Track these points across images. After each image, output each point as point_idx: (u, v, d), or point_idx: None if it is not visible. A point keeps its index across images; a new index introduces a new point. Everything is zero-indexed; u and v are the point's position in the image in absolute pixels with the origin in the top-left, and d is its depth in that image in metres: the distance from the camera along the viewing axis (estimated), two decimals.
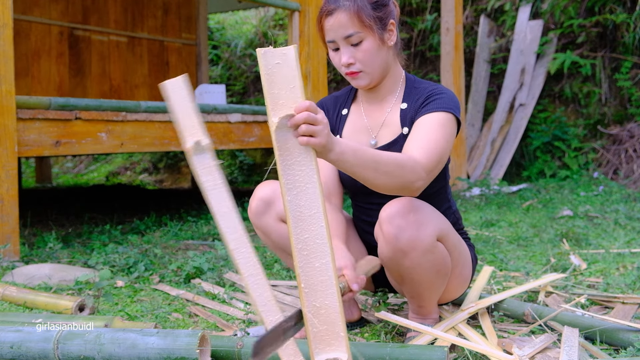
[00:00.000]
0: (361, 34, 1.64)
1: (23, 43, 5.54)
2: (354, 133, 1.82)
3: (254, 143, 4.18)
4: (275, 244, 1.82)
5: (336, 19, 1.63)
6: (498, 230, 3.64)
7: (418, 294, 1.71)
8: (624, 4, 6.11)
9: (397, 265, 1.62)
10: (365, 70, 1.68)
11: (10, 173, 2.80)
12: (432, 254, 1.59)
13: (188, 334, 1.51)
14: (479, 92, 6.55)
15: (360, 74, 1.69)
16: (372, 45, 1.65)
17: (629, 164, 5.62)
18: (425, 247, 1.57)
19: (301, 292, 1.29)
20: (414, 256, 1.57)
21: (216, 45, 9.27)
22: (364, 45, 1.65)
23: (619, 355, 1.60)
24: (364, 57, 1.66)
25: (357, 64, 1.67)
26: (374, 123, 1.80)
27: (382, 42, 1.67)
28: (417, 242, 1.55)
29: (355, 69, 1.68)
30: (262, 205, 1.76)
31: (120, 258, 2.79)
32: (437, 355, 1.42)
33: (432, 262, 1.61)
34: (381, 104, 1.80)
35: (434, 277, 1.65)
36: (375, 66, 1.69)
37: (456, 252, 1.73)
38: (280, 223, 1.77)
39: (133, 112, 3.39)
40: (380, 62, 1.69)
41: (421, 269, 1.61)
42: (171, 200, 5.83)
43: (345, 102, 1.87)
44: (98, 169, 9.31)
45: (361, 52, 1.65)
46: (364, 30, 1.63)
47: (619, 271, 2.58)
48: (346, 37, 1.64)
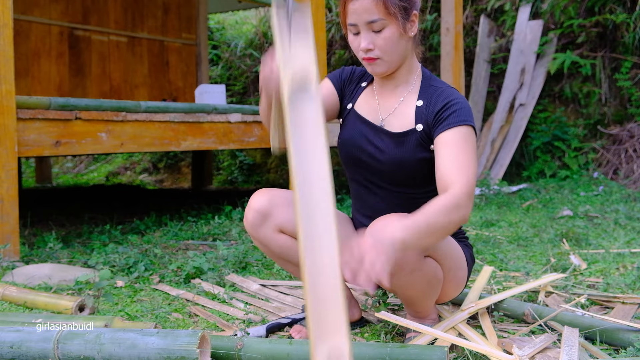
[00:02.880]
0: (384, 21, 1.63)
1: (23, 43, 5.54)
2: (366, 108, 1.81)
3: (254, 143, 4.18)
4: (275, 254, 1.80)
5: (362, 3, 1.62)
6: (498, 230, 3.64)
7: (412, 302, 1.72)
8: (624, 4, 6.10)
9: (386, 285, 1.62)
10: (383, 57, 1.67)
11: (10, 173, 2.80)
12: (420, 271, 1.59)
13: (188, 334, 1.51)
14: (479, 92, 6.55)
15: (377, 61, 1.68)
16: (394, 34, 1.64)
17: (629, 164, 5.62)
18: (411, 267, 1.55)
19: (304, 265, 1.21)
20: (401, 276, 1.56)
21: (216, 45, 9.27)
22: (386, 33, 1.64)
23: (619, 355, 1.60)
24: (384, 44, 1.65)
25: (376, 51, 1.66)
26: (383, 107, 1.79)
27: (404, 31, 1.66)
28: (403, 264, 1.53)
29: (374, 55, 1.67)
30: (258, 217, 1.73)
31: (120, 258, 2.79)
32: (437, 355, 1.42)
33: (420, 277, 1.60)
34: (394, 91, 1.79)
35: (426, 288, 1.66)
36: (394, 55, 1.68)
37: (447, 260, 1.70)
38: (279, 234, 1.75)
39: (133, 112, 3.39)
40: (399, 51, 1.69)
41: (410, 285, 1.61)
42: (171, 200, 5.83)
43: (367, 76, 1.87)
44: (98, 169, 9.31)
45: (382, 39, 1.64)
46: (388, 18, 1.62)
47: (619, 271, 2.58)
48: (369, 22, 1.63)
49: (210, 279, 2.51)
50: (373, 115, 1.80)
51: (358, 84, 1.87)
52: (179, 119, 3.65)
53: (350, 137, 1.80)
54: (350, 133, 1.81)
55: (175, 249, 3.21)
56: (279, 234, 1.75)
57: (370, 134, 1.77)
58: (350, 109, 1.84)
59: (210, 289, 2.37)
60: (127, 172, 8.91)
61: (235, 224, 3.89)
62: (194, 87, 6.91)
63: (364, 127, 1.79)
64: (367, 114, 1.80)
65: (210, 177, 7.44)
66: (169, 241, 3.39)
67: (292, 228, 1.74)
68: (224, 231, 3.68)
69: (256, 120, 4.16)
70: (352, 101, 1.85)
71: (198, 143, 3.79)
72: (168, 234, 3.59)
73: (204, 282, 2.47)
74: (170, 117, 3.60)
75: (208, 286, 2.40)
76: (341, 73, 1.88)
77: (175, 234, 3.59)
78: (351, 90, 1.87)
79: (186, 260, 2.81)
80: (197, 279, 2.55)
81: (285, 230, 1.75)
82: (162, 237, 3.50)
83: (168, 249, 3.19)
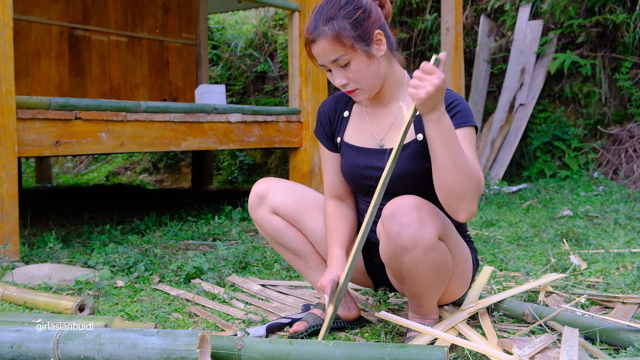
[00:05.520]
0: (346, 57, 1.64)
1: (23, 43, 5.54)
2: (358, 136, 1.82)
3: (254, 143, 4.18)
4: (270, 236, 1.91)
5: (319, 46, 1.65)
6: (498, 230, 3.64)
7: (418, 293, 1.71)
8: (624, 4, 6.10)
9: (398, 263, 1.62)
10: (360, 87, 1.69)
11: (10, 173, 2.80)
12: (434, 252, 1.59)
13: (188, 334, 1.51)
14: (479, 92, 6.55)
15: (357, 92, 1.70)
16: (360, 64, 1.65)
17: (629, 164, 5.62)
18: (427, 245, 1.57)
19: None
20: (415, 254, 1.57)
21: (216, 45, 9.27)
22: (353, 66, 1.65)
23: (619, 355, 1.61)
24: (355, 76, 1.66)
25: (351, 84, 1.68)
26: (379, 126, 1.79)
27: (370, 57, 1.66)
28: (419, 239, 1.55)
29: (351, 87, 1.69)
30: (256, 199, 1.88)
31: (120, 258, 2.79)
32: (437, 355, 1.42)
33: (433, 260, 1.60)
34: (387, 107, 1.79)
35: (435, 276, 1.65)
36: (370, 81, 1.69)
37: (457, 252, 1.73)
38: (273, 215, 1.87)
39: (133, 112, 3.39)
40: (373, 76, 1.69)
41: (422, 267, 1.61)
42: (171, 200, 5.83)
43: (346, 103, 1.88)
44: (98, 169, 9.31)
45: (352, 73, 1.66)
46: (348, 52, 1.64)
47: (619, 271, 2.58)
48: (333, 61, 1.65)
49: (210, 279, 2.51)
50: (369, 140, 1.80)
51: (339, 115, 1.88)
52: (179, 119, 3.65)
53: (347, 168, 1.83)
54: (347, 165, 1.83)
55: (175, 249, 3.21)
56: (273, 215, 1.87)
57: (369, 159, 1.78)
58: (340, 142, 1.86)
59: (210, 289, 2.37)
60: (127, 172, 8.91)
61: (235, 224, 3.89)
62: (194, 87, 6.91)
63: (360, 156, 1.79)
64: (363, 141, 1.81)
65: (210, 177, 7.44)
66: (169, 241, 3.40)
67: (284, 210, 1.85)
68: (224, 231, 3.68)
69: (256, 120, 4.17)
70: (339, 134, 1.86)
71: (198, 143, 3.79)
72: (168, 234, 3.59)
73: (204, 282, 2.47)
74: (170, 117, 3.60)
75: (208, 286, 2.40)
76: (320, 125, 1.91)
77: (175, 234, 3.59)
78: (335, 125, 1.88)
79: (186, 260, 2.81)
80: (197, 279, 2.55)
81: (278, 211, 1.87)
82: (162, 237, 3.50)
83: (168, 249, 3.19)
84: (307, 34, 1.67)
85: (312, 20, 1.67)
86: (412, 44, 7.33)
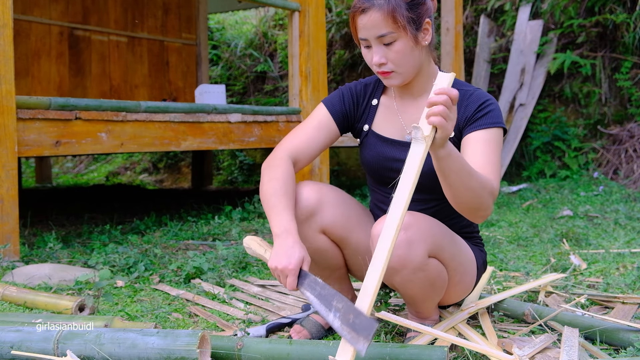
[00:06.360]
0: (394, 35, 1.59)
1: (23, 43, 5.54)
2: (386, 127, 1.78)
3: (254, 143, 4.18)
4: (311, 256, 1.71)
5: (370, 17, 1.58)
6: (498, 230, 3.64)
7: (414, 302, 1.71)
8: (624, 4, 6.10)
9: (390, 280, 1.61)
10: (397, 70, 1.64)
11: (10, 173, 2.80)
12: (423, 272, 1.58)
13: (188, 334, 1.51)
14: None
15: (392, 74, 1.65)
16: (405, 46, 1.61)
17: (629, 164, 5.62)
18: (415, 266, 1.55)
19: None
20: (404, 274, 1.56)
21: (216, 45, 9.27)
22: (397, 46, 1.60)
23: (619, 355, 1.60)
24: (397, 57, 1.62)
25: (389, 64, 1.63)
26: (408, 120, 1.75)
27: (416, 42, 1.62)
28: (407, 261, 1.53)
29: (387, 69, 1.64)
30: (305, 212, 1.66)
31: (120, 258, 2.79)
32: (437, 355, 1.42)
33: (423, 278, 1.59)
34: (417, 100, 1.75)
35: (429, 290, 1.64)
36: (408, 66, 1.65)
37: (454, 263, 1.68)
38: (320, 235, 1.70)
39: (133, 112, 3.39)
40: (413, 63, 1.65)
41: (413, 285, 1.60)
42: (171, 200, 5.83)
43: (374, 91, 1.82)
44: (98, 169, 9.31)
45: (393, 53, 1.61)
46: (398, 31, 1.59)
47: (619, 271, 2.58)
48: (379, 36, 1.60)
49: (210, 279, 2.51)
50: (398, 133, 1.76)
51: (367, 102, 1.82)
52: (179, 119, 3.65)
53: (373, 158, 1.77)
54: (372, 155, 1.77)
55: (175, 249, 3.21)
56: (320, 235, 1.70)
57: (397, 152, 1.73)
58: (367, 131, 1.80)
59: (210, 289, 2.37)
60: (127, 172, 8.91)
61: (235, 224, 3.89)
62: (194, 87, 6.91)
63: (388, 147, 1.75)
64: (390, 133, 1.76)
65: (210, 177, 7.44)
66: (169, 241, 3.39)
67: (334, 230, 1.69)
68: (224, 231, 3.68)
69: (256, 120, 4.17)
70: (367, 122, 1.80)
71: (198, 143, 3.79)
72: (168, 234, 3.59)
73: (204, 282, 2.47)
74: (170, 117, 3.60)
75: (208, 286, 2.40)
76: (342, 98, 1.80)
77: (175, 234, 3.59)
78: (362, 111, 1.81)
79: (186, 260, 2.81)
80: (197, 279, 2.55)
81: (327, 231, 1.70)
82: (162, 237, 3.50)
83: (168, 249, 3.19)
84: (359, 3, 1.61)
85: None
86: None
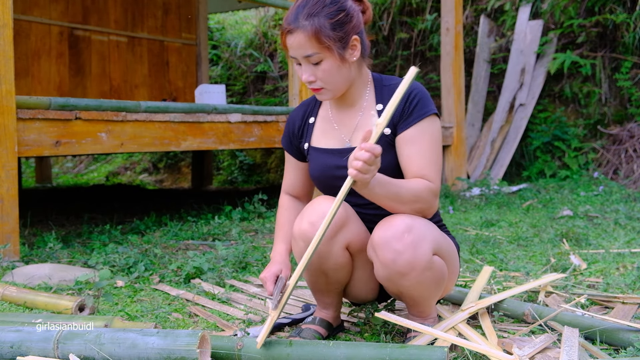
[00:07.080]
0: (320, 55, 1.63)
1: (23, 43, 5.54)
2: (324, 139, 1.81)
3: (254, 143, 4.18)
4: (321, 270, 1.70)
5: (295, 38, 1.62)
6: (498, 230, 3.64)
7: (417, 303, 1.72)
8: (624, 4, 6.10)
9: (395, 285, 1.62)
10: (326, 87, 1.68)
11: (10, 173, 2.80)
12: (430, 270, 1.60)
13: (188, 334, 1.51)
14: (479, 92, 6.55)
15: (322, 90, 1.69)
16: (332, 65, 1.64)
17: (629, 164, 5.62)
18: (423, 266, 1.57)
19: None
20: (413, 276, 1.58)
21: (216, 45, 9.27)
22: (324, 65, 1.64)
23: (619, 355, 1.61)
24: (324, 75, 1.65)
25: (318, 82, 1.67)
26: (345, 128, 1.78)
27: (343, 60, 1.65)
28: (416, 263, 1.55)
29: (317, 86, 1.68)
30: (333, 228, 1.63)
31: (120, 258, 2.79)
32: (437, 355, 1.42)
33: (430, 277, 1.61)
34: (351, 110, 1.78)
35: (433, 287, 1.66)
36: (337, 83, 1.68)
37: (448, 255, 1.72)
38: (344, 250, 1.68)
39: (133, 112, 3.39)
40: (341, 79, 1.68)
41: (420, 285, 1.62)
42: (171, 200, 5.83)
43: (312, 109, 1.86)
44: (98, 169, 9.31)
45: (321, 71, 1.65)
46: (323, 52, 1.62)
47: (619, 271, 2.58)
48: (305, 56, 1.64)
49: (210, 279, 2.51)
50: (336, 142, 1.79)
51: (305, 122, 1.86)
52: (179, 119, 3.65)
53: (318, 171, 1.79)
54: (317, 168, 1.80)
55: (175, 249, 3.21)
56: (344, 251, 1.68)
57: (338, 159, 1.75)
58: (308, 148, 1.83)
59: (210, 289, 2.37)
60: (127, 172, 8.91)
61: (235, 224, 3.89)
62: (194, 87, 6.91)
63: (329, 157, 1.77)
64: (330, 143, 1.79)
65: (210, 177, 7.44)
66: (169, 241, 3.39)
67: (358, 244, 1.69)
68: (224, 231, 3.68)
69: (256, 120, 4.17)
70: (306, 140, 1.84)
71: (198, 143, 3.79)
72: (168, 234, 3.59)
73: (204, 282, 2.47)
74: (170, 117, 3.60)
75: (208, 286, 2.40)
76: (287, 133, 1.89)
77: (175, 234, 3.59)
78: (301, 132, 1.86)
79: (186, 260, 2.81)
80: (197, 279, 2.55)
81: (351, 246, 1.69)
82: (162, 237, 3.49)
83: (168, 249, 3.19)
84: (285, 24, 1.65)
85: (293, 11, 1.64)
86: (412, 44, 7.33)
